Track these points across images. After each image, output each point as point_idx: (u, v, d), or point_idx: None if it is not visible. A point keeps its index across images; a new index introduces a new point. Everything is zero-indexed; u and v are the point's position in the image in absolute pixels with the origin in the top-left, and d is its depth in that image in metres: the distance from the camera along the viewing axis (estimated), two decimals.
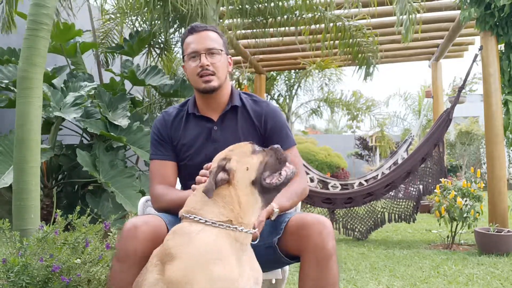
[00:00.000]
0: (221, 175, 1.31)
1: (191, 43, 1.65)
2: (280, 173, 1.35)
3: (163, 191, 1.63)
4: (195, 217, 1.29)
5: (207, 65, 1.61)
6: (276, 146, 1.42)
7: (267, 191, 1.34)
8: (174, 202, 1.56)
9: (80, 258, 1.88)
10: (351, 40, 5.78)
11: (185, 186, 1.72)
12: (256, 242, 1.38)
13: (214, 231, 1.26)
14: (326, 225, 1.42)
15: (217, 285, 1.18)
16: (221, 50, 1.66)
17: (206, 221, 1.28)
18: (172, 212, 1.60)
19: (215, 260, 1.21)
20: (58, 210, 2.13)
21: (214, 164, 1.37)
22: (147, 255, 1.36)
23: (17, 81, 2.74)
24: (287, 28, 5.54)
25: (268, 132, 1.70)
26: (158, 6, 4.74)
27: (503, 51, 4.58)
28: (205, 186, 1.29)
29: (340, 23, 5.53)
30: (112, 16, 5.95)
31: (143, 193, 4.64)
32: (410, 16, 4.48)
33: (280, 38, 5.67)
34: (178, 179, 1.81)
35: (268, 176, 1.34)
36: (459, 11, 5.01)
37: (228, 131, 1.68)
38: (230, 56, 1.74)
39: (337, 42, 5.89)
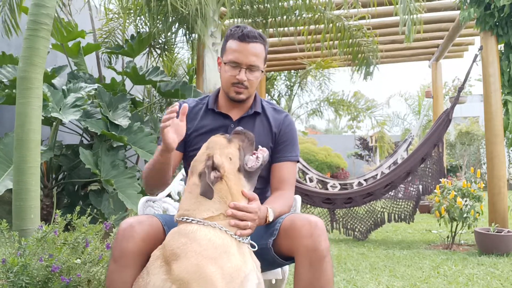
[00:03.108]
0: (213, 174, 1.36)
1: (236, 51, 1.63)
2: (257, 157, 1.46)
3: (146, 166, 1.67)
4: (187, 219, 1.34)
5: (244, 80, 1.64)
6: (239, 128, 1.51)
7: (251, 174, 1.44)
8: (152, 163, 1.60)
9: (80, 258, 1.88)
10: (350, 40, 5.78)
11: None
12: (255, 249, 1.39)
13: (208, 229, 1.31)
14: (317, 226, 1.40)
15: (228, 276, 1.24)
16: (262, 71, 1.69)
17: (198, 221, 1.32)
18: (152, 182, 1.63)
19: (221, 253, 1.26)
20: (58, 211, 2.13)
21: (200, 166, 1.39)
22: (143, 254, 1.38)
23: (17, 81, 2.74)
24: (287, 28, 5.54)
25: (279, 140, 1.74)
26: (157, 7, 4.74)
27: (503, 51, 4.58)
28: (201, 190, 1.34)
29: (340, 23, 5.53)
30: (116, 16, 5.96)
31: (144, 194, 4.64)
32: (412, 16, 4.48)
33: (280, 38, 5.67)
34: (183, 169, 1.86)
35: (248, 160, 1.44)
36: (459, 11, 5.00)
37: None
38: (265, 66, 1.76)
39: (336, 42, 5.89)
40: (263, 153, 1.48)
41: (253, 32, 1.65)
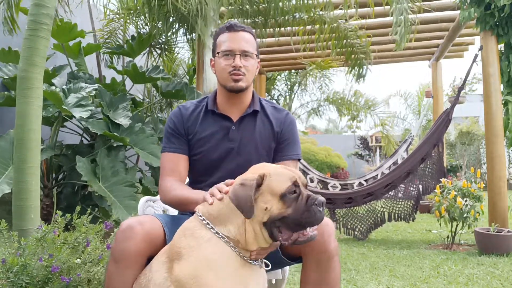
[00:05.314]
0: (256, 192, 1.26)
1: (226, 41, 1.64)
2: (291, 239, 1.27)
3: (172, 185, 1.61)
4: (204, 220, 1.30)
5: (240, 66, 1.62)
6: (322, 200, 1.28)
7: (273, 236, 1.27)
8: (179, 199, 1.55)
9: (80, 258, 1.88)
10: (344, 41, 5.80)
11: (195, 181, 1.72)
12: (269, 268, 1.37)
13: (221, 243, 1.26)
14: (328, 226, 1.41)
15: None
16: (255, 55, 1.68)
17: (216, 232, 1.27)
18: (175, 207, 1.62)
19: (224, 268, 1.24)
20: (58, 211, 2.13)
21: (249, 175, 1.30)
22: (142, 255, 1.38)
23: (17, 81, 2.74)
24: (286, 28, 5.54)
25: (281, 138, 1.72)
26: (158, 7, 4.74)
27: (503, 51, 4.57)
28: (237, 201, 1.25)
29: (335, 24, 5.55)
30: (117, 16, 5.96)
31: (146, 193, 4.63)
32: (407, 23, 4.48)
33: (280, 38, 5.67)
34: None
35: (285, 234, 1.26)
36: (459, 11, 5.00)
37: (246, 132, 1.69)
38: (259, 60, 1.75)
39: (330, 43, 5.90)
40: (303, 238, 1.26)
41: (239, 23, 1.68)
